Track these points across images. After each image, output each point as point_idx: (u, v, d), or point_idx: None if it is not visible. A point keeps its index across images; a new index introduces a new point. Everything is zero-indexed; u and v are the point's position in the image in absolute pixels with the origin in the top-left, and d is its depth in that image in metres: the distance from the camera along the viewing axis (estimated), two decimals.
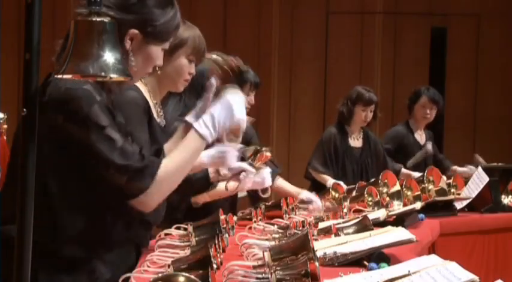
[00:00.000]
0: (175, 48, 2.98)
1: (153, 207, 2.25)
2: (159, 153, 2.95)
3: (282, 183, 4.64)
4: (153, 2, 2.26)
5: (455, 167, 6.34)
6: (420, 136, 6.55)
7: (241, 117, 2.40)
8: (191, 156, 2.32)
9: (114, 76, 1.61)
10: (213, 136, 2.34)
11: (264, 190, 3.55)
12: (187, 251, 2.63)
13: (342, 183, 5.18)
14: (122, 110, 2.87)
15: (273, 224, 3.56)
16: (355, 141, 5.97)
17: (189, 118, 2.63)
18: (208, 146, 2.60)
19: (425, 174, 5.36)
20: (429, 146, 6.34)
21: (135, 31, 2.22)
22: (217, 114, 2.35)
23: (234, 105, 2.37)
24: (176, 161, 2.27)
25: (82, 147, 2.09)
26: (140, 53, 2.26)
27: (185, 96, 3.28)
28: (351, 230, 3.36)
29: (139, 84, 3.00)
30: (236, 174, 3.00)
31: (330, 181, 5.65)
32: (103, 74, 1.59)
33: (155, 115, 3.12)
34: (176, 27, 2.35)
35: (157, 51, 2.31)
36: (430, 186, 5.32)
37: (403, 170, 6.10)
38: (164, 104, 3.27)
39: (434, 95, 6.49)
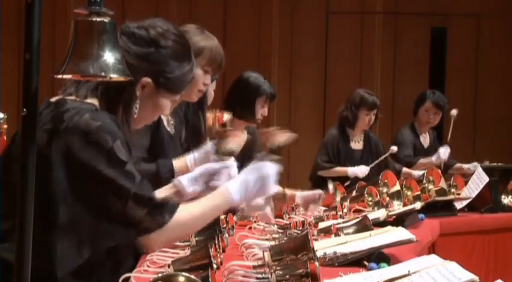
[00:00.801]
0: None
1: (158, 247, 2.22)
2: (159, 157, 2.96)
3: None
4: (171, 53, 2.23)
5: (460, 164, 6.36)
6: (424, 139, 6.53)
7: (273, 191, 2.37)
8: (213, 214, 2.30)
9: (114, 76, 1.60)
10: (240, 203, 2.34)
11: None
12: (187, 251, 2.63)
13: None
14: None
15: (273, 224, 3.56)
16: (357, 144, 5.97)
17: (179, 181, 2.57)
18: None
19: (425, 174, 5.37)
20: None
21: (148, 80, 2.20)
22: (251, 187, 2.30)
23: (270, 179, 2.32)
24: (198, 211, 2.22)
25: (100, 181, 2.04)
26: (150, 102, 2.23)
27: None
28: (351, 230, 3.36)
29: None
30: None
31: (349, 169, 5.69)
32: (103, 74, 1.59)
33: (165, 123, 3.12)
34: (190, 81, 2.34)
35: (166, 102, 2.28)
36: (430, 186, 5.32)
37: (404, 170, 6.10)
38: None
39: (439, 100, 6.43)
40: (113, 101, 2.17)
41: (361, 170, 5.71)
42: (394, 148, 6.01)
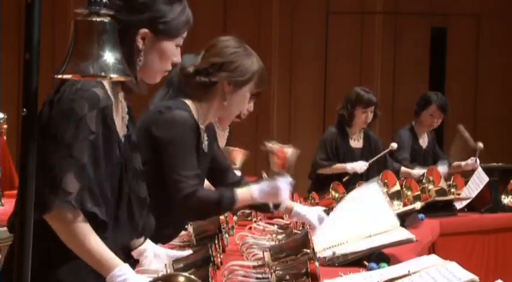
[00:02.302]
0: (245, 82, 3.06)
1: (55, 226, 2.07)
2: (199, 178, 2.98)
3: None
4: (159, 0, 2.28)
5: (458, 162, 6.33)
6: (423, 140, 6.52)
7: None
8: (89, 258, 2.11)
9: (114, 76, 1.60)
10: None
11: (277, 205, 3.23)
12: (188, 251, 2.63)
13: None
14: (169, 129, 2.94)
15: (273, 224, 3.55)
16: (356, 142, 5.96)
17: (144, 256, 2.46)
18: None
19: (425, 174, 5.37)
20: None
21: (145, 30, 2.24)
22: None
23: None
24: (86, 246, 2.07)
25: (55, 139, 2.04)
26: (154, 51, 2.27)
27: (173, 91, 3.27)
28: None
29: (191, 104, 3.04)
30: None
31: (348, 165, 5.67)
32: (103, 74, 1.59)
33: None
34: (187, 21, 2.36)
35: (171, 47, 2.31)
36: (430, 186, 5.32)
37: (403, 169, 6.09)
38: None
39: (444, 103, 6.39)
40: None
41: (360, 166, 5.71)
42: (394, 145, 5.99)
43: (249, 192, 3.00)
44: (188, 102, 3.03)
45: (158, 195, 2.74)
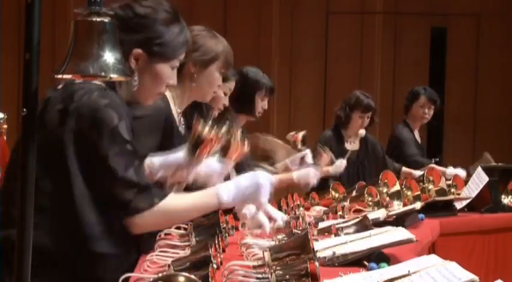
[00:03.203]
0: (209, 61, 3.12)
1: (144, 230, 2.20)
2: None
3: None
4: (156, 20, 2.22)
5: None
6: (418, 136, 6.56)
7: (264, 201, 2.34)
8: (201, 210, 2.30)
9: (114, 76, 1.61)
10: (228, 205, 2.30)
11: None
12: (187, 251, 2.63)
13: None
14: (138, 111, 2.95)
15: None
16: (352, 145, 5.95)
17: (152, 162, 2.63)
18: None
19: (425, 174, 5.37)
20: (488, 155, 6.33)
21: (139, 51, 2.19)
22: (243, 191, 2.28)
23: (262, 188, 2.30)
24: (187, 203, 2.22)
25: (97, 157, 2.06)
26: (148, 72, 2.22)
27: None
28: (351, 230, 3.36)
29: (166, 92, 3.06)
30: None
31: (338, 161, 5.56)
32: (103, 74, 1.59)
33: (177, 123, 3.15)
34: (184, 43, 2.30)
35: (165, 70, 2.26)
36: (430, 186, 5.32)
37: (404, 169, 6.09)
38: None
39: (433, 94, 6.51)
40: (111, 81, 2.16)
41: (339, 166, 5.52)
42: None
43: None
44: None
45: None
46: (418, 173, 5.86)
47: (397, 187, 4.72)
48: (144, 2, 2.25)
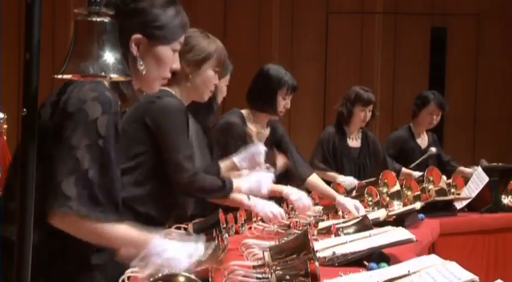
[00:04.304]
0: (202, 61, 3.19)
1: (58, 226, 2.03)
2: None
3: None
4: (152, 3, 2.23)
5: (462, 168, 6.32)
6: (422, 140, 6.51)
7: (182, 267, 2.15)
8: (126, 243, 2.10)
9: (114, 76, 1.61)
10: (144, 257, 2.09)
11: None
12: None
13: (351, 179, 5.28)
14: (163, 117, 3.05)
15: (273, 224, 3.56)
16: (354, 142, 5.95)
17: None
18: None
19: (425, 174, 5.36)
20: (433, 149, 6.30)
21: (139, 35, 2.18)
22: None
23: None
24: (122, 236, 2.07)
25: (66, 146, 2.00)
26: (150, 57, 2.21)
27: None
28: (351, 230, 3.36)
29: (171, 90, 3.19)
30: None
31: (339, 178, 5.59)
32: (103, 74, 1.59)
33: None
34: (182, 25, 2.29)
35: (167, 52, 2.25)
36: (430, 186, 5.32)
37: (404, 170, 6.09)
38: None
39: (442, 100, 6.43)
40: None
41: (350, 182, 5.52)
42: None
43: (238, 185, 3.33)
44: (169, 89, 3.15)
45: (158, 182, 3.02)
46: (418, 173, 5.85)
47: (397, 187, 4.72)
48: None
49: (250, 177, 3.41)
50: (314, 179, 4.51)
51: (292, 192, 3.86)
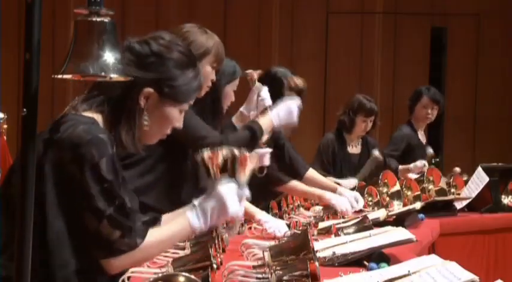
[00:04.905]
0: (200, 57, 3.12)
1: (118, 270, 2.11)
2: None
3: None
4: (173, 62, 2.16)
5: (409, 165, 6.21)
6: (422, 136, 6.54)
7: (235, 210, 2.18)
8: (176, 240, 2.26)
9: (114, 76, 1.61)
10: (202, 229, 2.19)
11: (261, 169, 3.55)
12: (187, 251, 2.63)
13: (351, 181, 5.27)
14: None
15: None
16: (353, 148, 5.95)
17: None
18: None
19: (425, 174, 5.36)
20: (430, 150, 6.29)
21: (151, 90, 2.13)
22: (210, 210, 2.16)
23: (227, 200, 2.16)
24: (163, 237, 2.15)
25: (80, 195, 2.01)
26: (157, 113, 2.16)
27: None
28: (351, 230, 3.36)
29: None
30: None
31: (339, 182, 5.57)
32: (103, 74, 1.59)
33: None
34: (196, 89, 2.24)
35: (174, 113, 2.20)
36: (430, 186, 5.32)
37: (400, 167, 6.07)
38: None
39: (435, 94, 6.46)
40: (117, 115, 2.12)
41: (350, 182, 5.51)
42: (376, 152, 5.96)
43: (269, 118, 3.51)
44: None
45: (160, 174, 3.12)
46: (415, 164, 5.82)
47: (397, 187, 4.72)
48: (161, 40, 2.21)
49: (278, 107, 3.55)
50: (311, 173, 4.52)
51: (267, 220, 3.53)
